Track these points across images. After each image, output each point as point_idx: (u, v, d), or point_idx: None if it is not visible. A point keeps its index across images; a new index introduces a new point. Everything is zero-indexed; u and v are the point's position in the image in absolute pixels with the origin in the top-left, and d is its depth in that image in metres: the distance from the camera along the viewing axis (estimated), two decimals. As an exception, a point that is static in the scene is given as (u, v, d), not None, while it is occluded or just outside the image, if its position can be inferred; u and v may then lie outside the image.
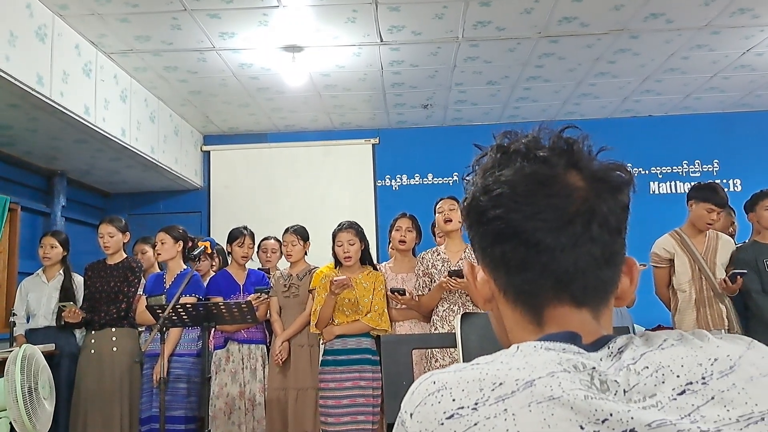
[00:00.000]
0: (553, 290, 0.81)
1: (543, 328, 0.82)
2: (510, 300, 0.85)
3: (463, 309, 4.04)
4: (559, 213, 0.79)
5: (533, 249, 0.80)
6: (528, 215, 0.80)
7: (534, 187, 0.81)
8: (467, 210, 0.88)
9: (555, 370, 0.71)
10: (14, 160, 6.11)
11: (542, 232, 0.79)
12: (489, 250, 0.84)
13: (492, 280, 0.87)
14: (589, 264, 0.80)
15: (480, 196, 0.85)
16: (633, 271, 0.86)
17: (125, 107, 5.84)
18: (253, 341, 4.76)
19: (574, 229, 0.79)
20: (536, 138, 0.85)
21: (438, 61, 5.87)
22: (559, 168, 0.82)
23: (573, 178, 0.81)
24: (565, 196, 0.80)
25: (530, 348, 0.76)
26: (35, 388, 3.69)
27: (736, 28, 5.35)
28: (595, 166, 0.83)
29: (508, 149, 0.85)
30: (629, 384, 0.71)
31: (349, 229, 4.40)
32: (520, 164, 0.83)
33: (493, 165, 0.85)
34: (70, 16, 4.76)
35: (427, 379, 0.76)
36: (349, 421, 4.15)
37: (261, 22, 4.94)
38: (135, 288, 4.90)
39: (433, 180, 7.79)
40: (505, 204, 0.81)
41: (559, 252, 0.79)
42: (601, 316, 0.82)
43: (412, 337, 3.58)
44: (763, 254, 4.32)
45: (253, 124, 7.61)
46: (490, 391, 0.71)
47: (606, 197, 0.81)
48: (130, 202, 7.79)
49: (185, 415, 4.50)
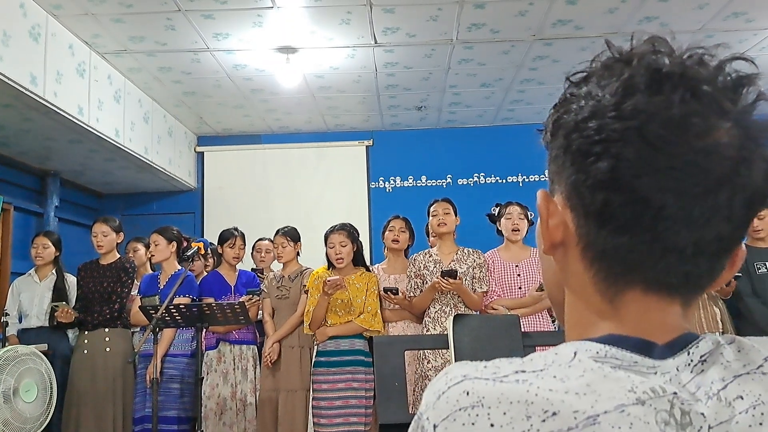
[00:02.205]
0: (654, 269, 0.62)
1: (617, 313, 0.64)
2: (588, 259, 0.65)
3: (455, 311, 4.05)
4: (701, 176, 0.59)
5: (651, 212, 0.60)
6: (660, 168, 0.59)
7: (679, 135, 0.59)
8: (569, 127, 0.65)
9: (626, 403, 0.55)
10: (7, 160, 6.09)
11: (672, 195, 0.59)
12: (587, 191, 0.63)
13: (573, 224, 0.66)
14: (713, 245, 0.62)
15: (589, 120, 0.62)
16: (737, 258, 0.66)
17: (119, 108, 5.83)
18: (245, 342, 4.77)
19: (716, 199, 0.59)
20: (701, 62, 0.63)
21: (432, 63, 5.88)
22: (719, 117, 0.60)
23: (727, 134, 0.60)
24: (717, 156, 0.59)
25: (591, 361, 0.59)
26: (14, 390, 3.68)
27: (730, 32, 5.37)
28: (755, 122, 0.62)
29: (661, 71, 0.61)
30: (717, 419, 0.56)
31: (341, 230, 4.40)
32: (668, 98, 0.60)
33: (632, 84, 0.62)
34: (63, 15, 4.75)
35: (457, 384, 0.59)
36: (342, 423, 4.15)
37: (255, 23, 4.94)
38: (128, 288, 4.90)
39: (426, 182, 7.79)
40: (633, 143, 0.59)
41: (683, 225, 0.60)
42: (689, 309, 0.66)
43: (404, 338, 3.58)
44: (755, 258, 4.35)
45: (247, 126, 7.61)
46: (539, 422, 0.55)
47: (760, 165, 0.61)
48: (123, 203, 7.78)
49: (178, 416, 4.51)
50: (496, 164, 7.60)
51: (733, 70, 0.63)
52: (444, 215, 4.29)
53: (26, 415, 4.03)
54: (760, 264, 4.34)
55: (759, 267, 4.33)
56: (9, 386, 3.95)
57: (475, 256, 4.30)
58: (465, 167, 7.75)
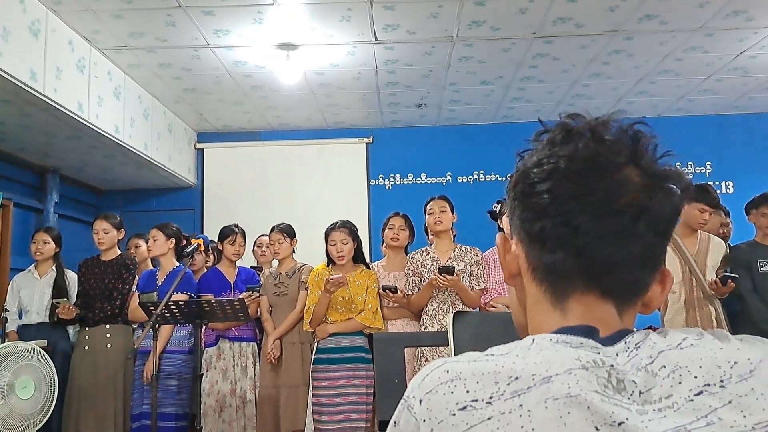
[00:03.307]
0: (584, 277, 0.79)
1: (564, 314, 0.80)
2: (537, 278, 0.83)
3: (452, 308, 4.05)
4: (608, 201, 0.77)
5: (573, 230, 0.77)
6: (576, 195, 0.78)
7: (589, 168, 0.78)
8: (514, 182, 0.85)
9: (573, 367, 0.70)
10: (7, 156, 6.08)
11: (586, 216, 0.77)
12: (528, 224, 0.82)
13: (524, 255, 0.85)
14: (626, 260, 0.78)
15: (531, 168, 0.82)
16: (666, 281, 0.84)
17: (119, 104, 5.82)
18: (244, 339, 4.77)
19: (621, 220, 0.77)
20: (605, 123, 0.81)
21: (432, 61, 5.87)
22: (619, 158, 0.79)
23: (631, 173, 0.78)
24: (619, 185, 0.77)
25: (546, 341, 0.75)
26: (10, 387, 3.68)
27: (730, 30, 5.37)
28: (656, 167, 0.80)
29: (572, 129, 0.81)
30: (646, 386, 0.71)
31: (342, 228, 4.40)
32: (580, 144, 0.79)
33: (553, 141, 0.82)
34: (63, 11, 4.74)
35: (439, 367, 0.75)
36: (343, 420, 4.16)
37: (255, 19, 4.94)
38: (129, 285, 4.90)
39: (426, 180, 7.78)
40: (556, 179, 0.79)
41: (598, 240, 0.77)
42: (624, 313, 0.80)
43: (404, 336, 3.59)
44: (759, 255, 4.35)
45: (246, 122, 7.60)
46: (505, 385, 0.70)
47: (660, 198, 0.79)
48: (123, 199, 7.77)
49: (176, 412, 4.51)
50: (496, 162, 7.59)
51: (632, 129, 0.82)
52: (440, 213, 4.29)
53: (22, 412, 4.02)
54: (763, 262, 4.33)
55: (762, 264, 4.32)
56: (5, 382, 3.95)
57: (472, 254, 4.30)
58: (465, 165, 7.74)
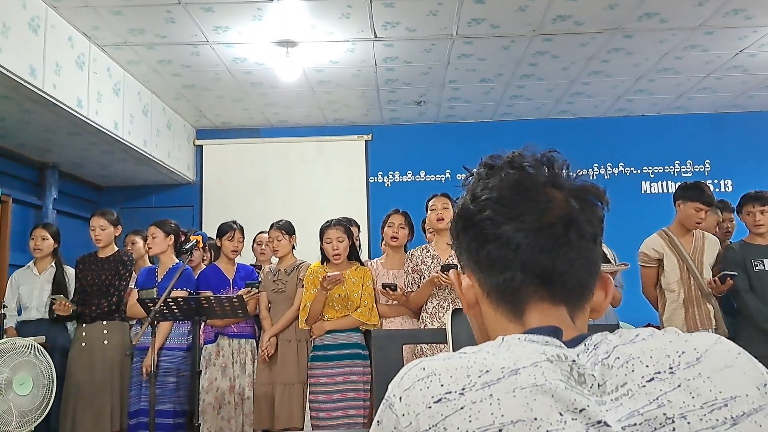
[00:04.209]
0: (534, 287, 0.86)
1: (524, 323, 0.87)
2: (493, 301, 0.90)
3: (452, 305, 4.05)
4: (539, 216, 0.86)
5: (514, 248, 0.86)
6: (511, 216, 0.86)
7: (517, 192, 0.88)
8: (456, 220, 0.95)
9: (538, 360, 0.77)
10: (6, 152, 6.08)
11: (522, 233, 0.85)
12: (475, 252, 0.90)
13: (477, 283, 0.92)
14: (567, 266, 0.86)
15: (470, 203, 0.92)
16: (607, 286, 0.93)
17: (118, 100, 5.82)
18: (243, 336, 4.77)
19: (554, 231, 0.85)
20: (521, 154, 0.92)
21: (432, 58, 5.87)
22: (540, 179, 0.89)
23: (551, 190, 0.88)
24: (546, 202, 0.87)
25: (515, 340, 0.81)
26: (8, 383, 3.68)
27: (730, 29, 5.37)
28: (573, 184, 0.90)
29: (494, 164, 0.93)
30: (603, 378, 0.77)
31: (337, 226, 4.41)
32: (505, 173, 0.90)
33: (480, 176, 0.93)
34: (63, 7, 4.74)
35: (416, 366, 0.81)
36: (341, 416, 4.16)
37: (255, 16, 4.93)
38: (126, 281, 4.89)
39: (425, 177, 7.79)
40: (491, 206, 0.88)
41: (538, 252, 0.85)
42: (576, 317, 0.88)
43: (403, 333, 3.59)
44: (752, 254, 4.36)
45: (246, 119, 7.60)
46: (476, 378, 0.76)
47: (584, 208, 0.88)
48: (122, 196, 7.77)
49: (174, 409, 4.50)
50: (495, 160, 7.58)
51: (546, 156, 0.91)
52: (443, 210, 4.29)
53: (20, 408, 4.02)
54: (757, 261, 4.34)
55: (756, 264, 4.33)
56: (3, 378, 3.95)
57: (472, 251, 4.30)
58: (464, 162, 7.67)
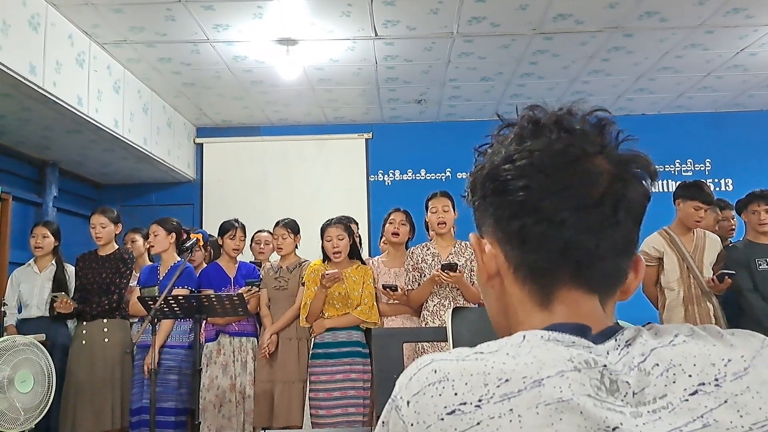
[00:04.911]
0: (570, 272, 0.77)
1: (551, 312, 0.78)
2: (520, 277, 0.80)
3: (453, 303, 4.05)
4: (587, 192, 0.76)
5: (556, 226, 0.76)
6: (555, 190, 0.76)
7: (563, 162, 0.77)
8: (482, 179, 0.82)
9: (565, 369, 0.68)
10: (6, 150, 6.08)
11: (568, 210, 0.76)
12: (505, 222, 0.80)
13: (502, 254, 0.82)
14: (610, 250, 0.77)
15: (502, 164, 0.80)
16: (639, 265, 0.83)
17: (118, 98, 5.82)
18: (244, 334, 4.77)
19: (603, 210, 0.76)
20: (570, 112, 0.81)
21: (432, 57, 5.87)
22: (591, 148, 0.78)
23: (600, 161, 0.78)
24: (595, 175, 0.77)
25: (537, 339, 0.73)
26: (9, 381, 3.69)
27: (730, 28, 5.37)
28: (621, 153, 0.80)
29: (540, 121, 0.81)
30: (639, 386, 0.69)
31: (338, 224, 4.41)
32: (549, 138, 0.79)
33: (521, 135, 0.81)
34: (63, 5, 4.74)
35: (426, 366, 0.72)
36: (341, 414, 4.16)
37: (255, 14, 4.93)
38: (126, 279, 4.90)
39: (426, 176, 7.79)
40: (531, 175, 0.77)
41: (583, 233, 0.76)
42: (607, 305, 0.80)
43: (403, 331, 3.59)
44: (755, 254, 4.35)
45: (246, 117, 7.60)
46: (495, 387, 0.67)
47: (633, 183, 0.79)
48: (122, 194, 7.77)
49: (175, 407, 4.51)
50: (496, 158, 7.59)
51: (595, 117, 0.81)
52: (443, 212, 4.28)
53: (22, 405, 4.03)
54: (761, 260, 4.33)
55: (760, 263, 4.32)
56: (4, 376, 3.95)
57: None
58: (464, 161, 7.63)
